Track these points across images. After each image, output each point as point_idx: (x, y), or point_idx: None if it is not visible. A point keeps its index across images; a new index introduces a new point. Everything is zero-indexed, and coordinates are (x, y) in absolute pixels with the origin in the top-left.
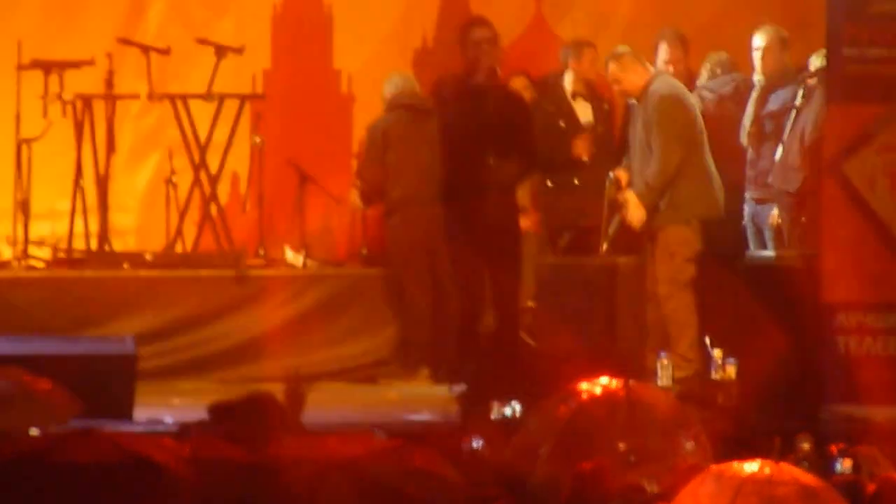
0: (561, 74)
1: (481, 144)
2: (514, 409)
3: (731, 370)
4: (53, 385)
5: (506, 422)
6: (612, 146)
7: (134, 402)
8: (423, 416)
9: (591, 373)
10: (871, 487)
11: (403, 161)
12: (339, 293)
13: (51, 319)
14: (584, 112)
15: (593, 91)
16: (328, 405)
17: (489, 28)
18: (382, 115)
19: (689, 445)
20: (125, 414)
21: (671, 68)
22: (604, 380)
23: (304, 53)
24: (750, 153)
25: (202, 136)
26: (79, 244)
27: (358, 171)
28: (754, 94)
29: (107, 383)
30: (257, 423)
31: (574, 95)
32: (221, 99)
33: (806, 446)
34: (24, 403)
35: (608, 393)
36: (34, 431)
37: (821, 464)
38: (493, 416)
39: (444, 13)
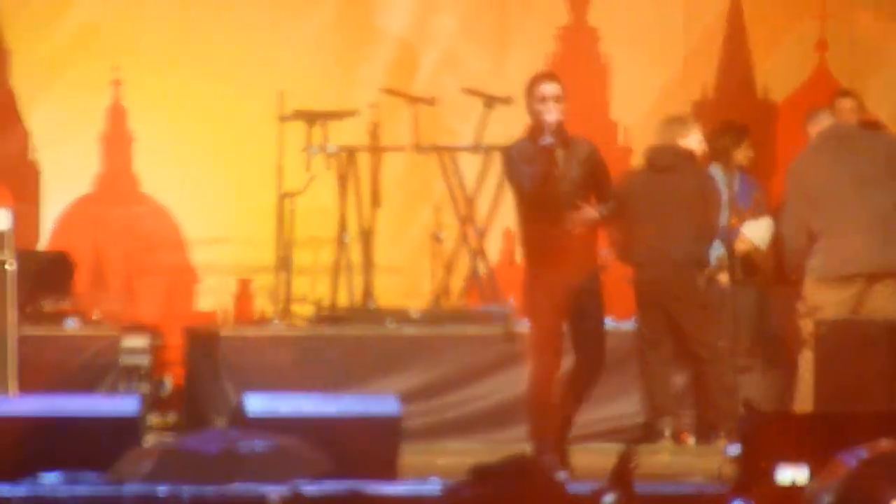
0: None
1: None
2: (798, 473)
3: None
4: (302, 441)
5: (790, 488)
6: None
7: (398, 462)
8: (695, 481)
9: (874, 435)
10: None
11: (647, 217)
12: (611, 350)
13: (313, 378)
14: None
15: None
16: (595, 467)
17: (555, 83)
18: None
19: None
20: (389, 474)
21: None
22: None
23: (581, 104)
24: None
25: (469, 189)
26: (342, 301)
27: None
28: None
29: (371, 443)
30: (521, 487)
31: None
32: (489, 151)
33: None
34: (275, 458)
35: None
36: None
37: None
38: (777, 480)
39: (724, 63)
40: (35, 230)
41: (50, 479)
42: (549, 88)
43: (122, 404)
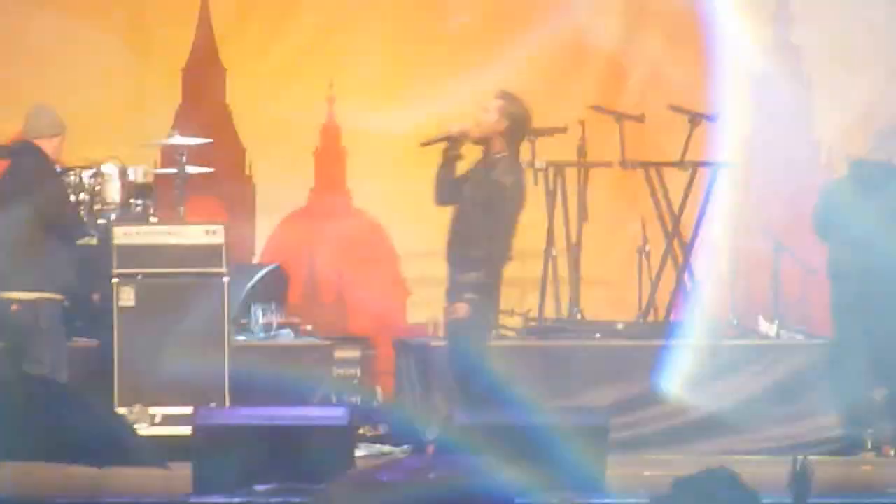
0: None
1: None
2: None
3: None
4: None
5: None
6: None
7: (605, 473)
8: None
9: None
10: None
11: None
12: (814, 364)
13: (521, 389)
14: None
15: None
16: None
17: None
18: None
19: None
20: (597, 486)
21: None
22: None
23: (785, 121)
24: None
25: (675, 205)
26: (550, 313)
27: None
28: None
29: (578, 454)
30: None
31: None
32: (695, 167)
33: None
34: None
35: None
36: None
37: None
38: None
39: None
40: (250, 243)
41: (264, 489)
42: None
43: (334, 414)
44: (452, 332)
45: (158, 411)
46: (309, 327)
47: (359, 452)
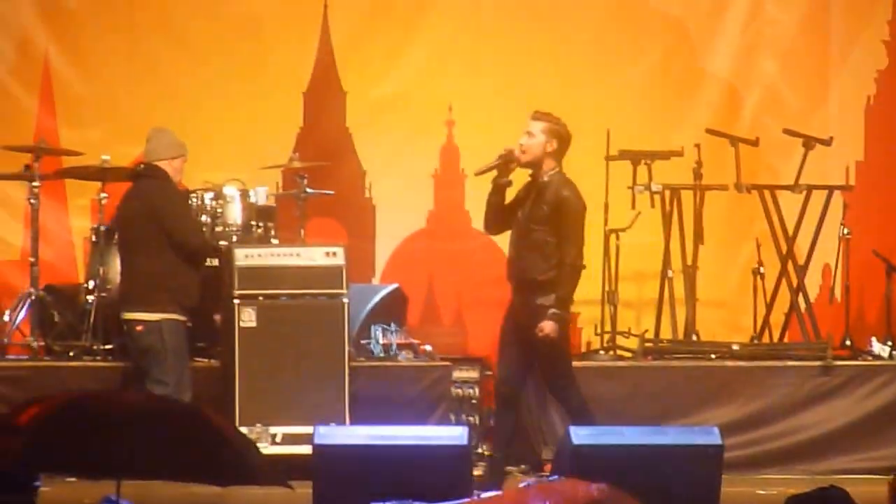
0: None
1: None
2: None
3: None
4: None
5: None
6: None
7: (720, 493)
8: None
9: None
10: None
11: None
12: None
13: (636, 409)
14: None
15: None
16: None
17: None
18: None
19: None
20: None
21: None
22: None
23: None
24: None
25: (790, 227)
26: (665, 334)
27: None
28: None
29: (693, 474)
30: None
31: None
32: (809, 190)
33: None
34: None
35: None
36: None
37: None
38: None
39: None
40: (370, 265)
41: None
42: (528, 124)
43: (453, 434)
44: (547, 352)
45: (279, 430)
46: (428, 348)
47: (477, 472)
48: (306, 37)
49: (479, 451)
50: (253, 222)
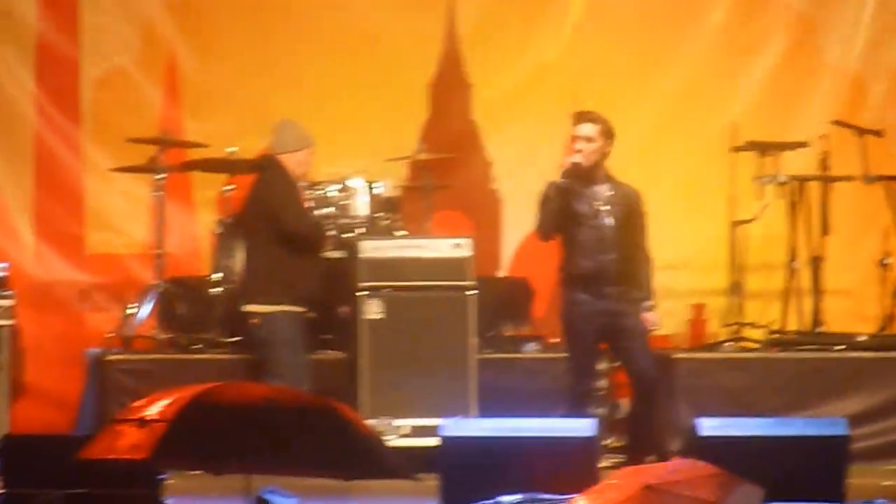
0: None
1: None
2: None
3: None
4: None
5: None
6: None
7: (846, 484)
8: None
9: None
10: None
11: None
12: None
13: (763, 401)
14: None
15: None
16: None
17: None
18: None
19: None
20: (837, 496)
21: None
22: None
23: None
24: None
25: None
26: (792, 325)
27: None
28: None
29: (819, 465)
30: None
31: None
32: None
33: None
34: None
35: None
36: None
37: None
38: None
39: None
40: (496, 257)
41: (510, 501)
42: (580, 129)
43: (580, 426)
44: (647, 341)
45: (405, 423)
46: (554, 340)
47: (603, 464)
48: (431, 28)
49: (606, 443)
50: (378, 214)
